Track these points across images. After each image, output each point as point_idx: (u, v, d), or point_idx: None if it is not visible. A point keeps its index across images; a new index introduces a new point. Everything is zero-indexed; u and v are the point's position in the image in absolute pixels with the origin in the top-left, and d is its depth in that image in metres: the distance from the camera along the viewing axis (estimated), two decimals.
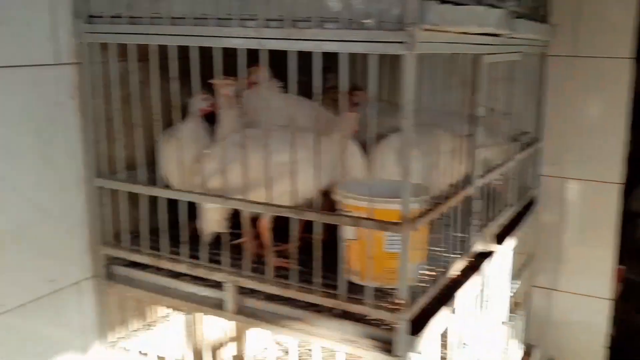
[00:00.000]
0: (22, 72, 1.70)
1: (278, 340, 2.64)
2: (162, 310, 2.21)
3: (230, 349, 2.53)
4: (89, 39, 1.82)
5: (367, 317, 1.64)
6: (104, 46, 1.82)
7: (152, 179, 1.88)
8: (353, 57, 1.52)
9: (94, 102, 1.86)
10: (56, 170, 1.82)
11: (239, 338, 2.56)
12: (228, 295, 1.77)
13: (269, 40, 1.57)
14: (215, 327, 2.37)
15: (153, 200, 1.86)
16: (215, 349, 2.43)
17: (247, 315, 1.76)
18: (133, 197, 1.90)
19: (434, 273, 1.75)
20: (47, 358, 1.85)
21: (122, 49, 1.80)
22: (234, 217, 1.84)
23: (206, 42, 1.64)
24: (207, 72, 1.73)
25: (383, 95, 2.81)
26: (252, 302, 1.77)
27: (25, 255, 1.75)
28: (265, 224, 1.76)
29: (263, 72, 1.80)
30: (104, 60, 1.84)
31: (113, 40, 1.79)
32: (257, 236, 1.93)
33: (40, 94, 1.75)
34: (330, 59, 1.55)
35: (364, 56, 1.49)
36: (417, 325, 1.61)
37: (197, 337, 2.28)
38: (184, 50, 1.70)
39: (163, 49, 1.72)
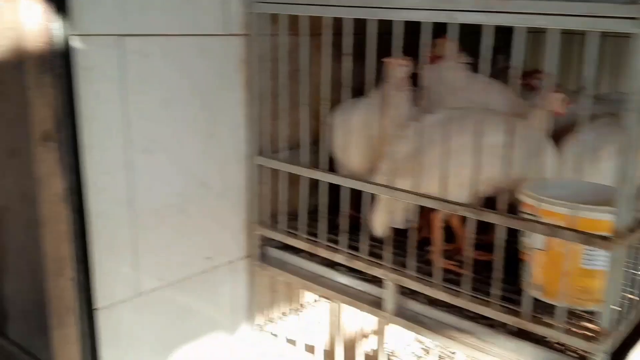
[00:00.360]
0: (191, 41, 1.65)
1: (420, 339, 2.47)
2: (310, 296, 2.12)
3: (372, 342, 2.41)
4: (259, 9, 1.72)
5: (547, 339, 1.42)
6: (274, 17, 1.72)
7: (315, 161, 1.76)
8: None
9: (259, 76, 1.77)
10: (219, 146, 1.77)
11: (380, 331, 2.43)
12: (388, 294, 1.61)
13: (462, 13, 1.36)
14: (357, 316, 2.25)
15: (314, 182, 1.75)
16: (358, 340, 2.32)
17: (407, 318, 1.60)
18: (293, 178, 1.81)
19: (634, 296, 1.47)
20: (198, 334, 1.83)
21: (292, 20, 1.69)
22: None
23: (387, 15, 1.47)
24: (380, 48, 1.56)
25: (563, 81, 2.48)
26: (413, 305, 1.60)
27: (185, 231, 1.73)
28: (438, 221, 1.57)
29: (451, 46, 1.59)
30: (272, 32, 1.74)
31: (284, 12, 1.67)
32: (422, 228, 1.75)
33: (208, 65, 1.70)
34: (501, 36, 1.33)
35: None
36: (614, 357, 1.36)
37: (341, 326, 2.18)
38: (356, 24, 1.55)
39: (335, 23, 1.58)
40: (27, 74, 1.30)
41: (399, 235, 1.65)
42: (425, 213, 1.67)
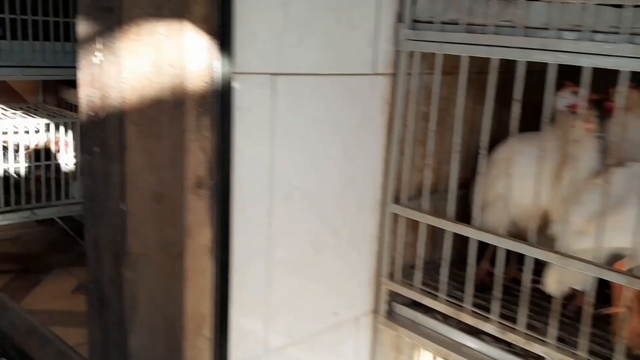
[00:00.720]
0: (338, 81, 1.52)
1: None
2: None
3: None
4: (410, 47, 1.58)
5: None
6: (425, 56, 1.58)
7: (462, 213, 1.59)
8: None
9: (403, 119, 1.63)
10: (354, 191, 1.63)
11: None
12: None
13: None
14: None
15: (458, 237, 1.58)
16: None
17: None
18: (431, 230, 1.64)
19: None
20: None
21: (448, 60, 1.54)
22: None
23: (576, 60, 1.30)
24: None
25: None
26: None
27: (315, 283, 1.59)
28: (626, 294, 1.36)
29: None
30: (420, 72, 1.60)
31: (441, 51, 1.52)
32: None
33: (352, 106, 1.57)
34: None
35: None
36: None
37: None
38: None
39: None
40: (186, 116, 1.19)
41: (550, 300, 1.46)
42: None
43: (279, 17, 1.34)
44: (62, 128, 3.38)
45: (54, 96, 4.09)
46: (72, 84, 3.67)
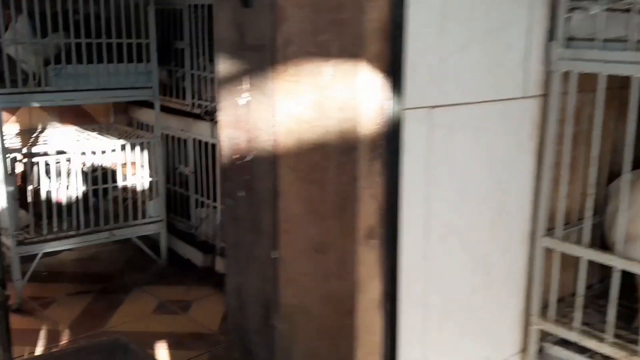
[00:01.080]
0: (490, 107, 1.40)
1: None
2: None
3: None
4: (565, 67, 1.44)
5: None
6: (583, 76, 1.44)
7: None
8: None
9: (556, 142, 1.49)
10: (505, 225, 1.50)
11: None
12: None
13: None
14: None
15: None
16: None
17: None
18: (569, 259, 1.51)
19: None
20: None
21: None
22: None
23: None
24: None
25: None
26: None
27: (467, 326, 1.47)
28: None
29: None
30: (577, 91, 1.46)
31: (606, 71, 1.38)
32: None
33: (504, 133, 1.44)
34: None
35: None
36: None
37: None
38: None
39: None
40: (358, 161, 1.09)
41: None
42: None
43: (438, 44, 1.23)
44: (137, 148, 3.36)
45: (124, 116, 4.08)
46: (142, 103, 3.66)
